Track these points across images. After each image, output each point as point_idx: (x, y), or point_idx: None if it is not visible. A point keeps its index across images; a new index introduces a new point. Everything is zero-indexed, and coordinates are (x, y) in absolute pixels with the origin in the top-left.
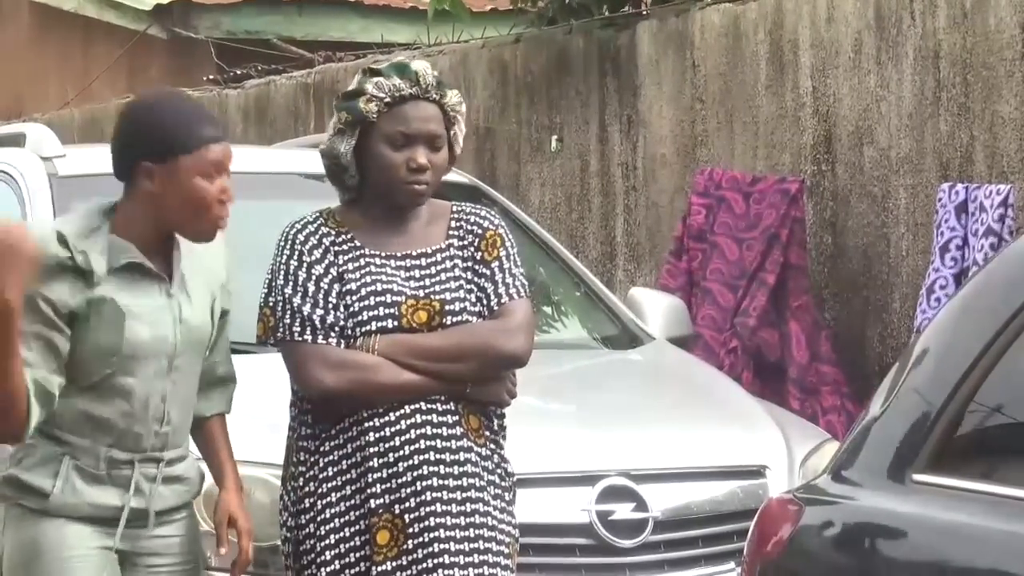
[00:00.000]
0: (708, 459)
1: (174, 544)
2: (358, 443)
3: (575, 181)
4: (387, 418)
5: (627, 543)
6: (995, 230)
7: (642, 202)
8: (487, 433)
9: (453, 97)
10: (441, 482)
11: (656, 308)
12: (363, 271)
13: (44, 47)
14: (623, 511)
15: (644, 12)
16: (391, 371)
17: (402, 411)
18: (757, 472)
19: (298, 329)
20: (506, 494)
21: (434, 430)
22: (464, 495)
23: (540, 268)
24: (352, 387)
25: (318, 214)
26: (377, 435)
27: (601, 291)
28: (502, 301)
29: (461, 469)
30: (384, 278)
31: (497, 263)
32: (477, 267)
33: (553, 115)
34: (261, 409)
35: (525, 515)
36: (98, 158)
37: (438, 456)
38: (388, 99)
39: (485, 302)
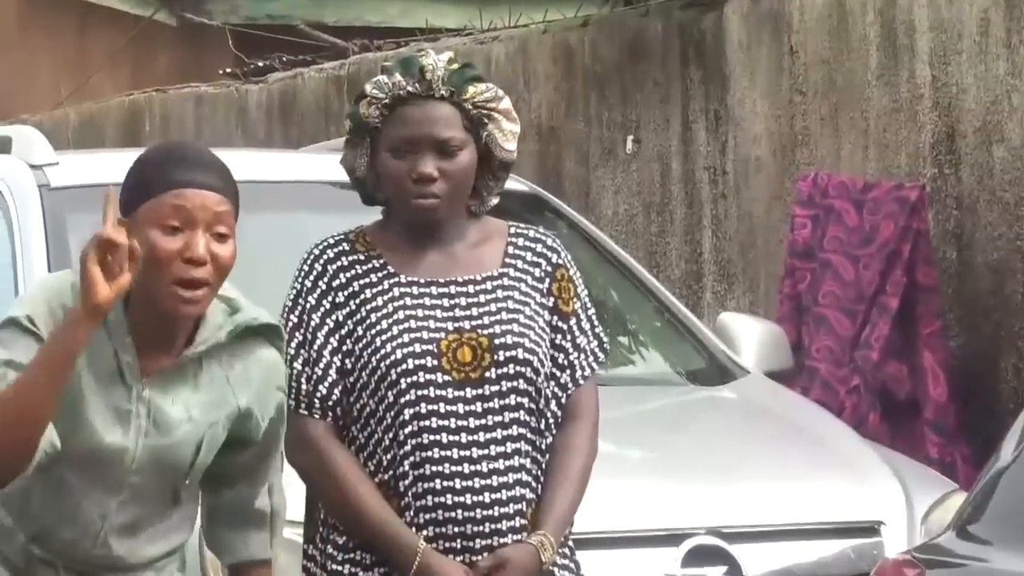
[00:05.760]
0: (813, 514)
1: None
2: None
3: (654, 188)
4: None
5: None
6: None
7: (733, 212)
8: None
9: (481, 92)
10: None
11: (751, 336)
12: (396, 303)
13: (34, 35)
14: (714, 575)
15: None
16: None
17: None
18: (871, 529)
19: (303, 403)
20: None
21: None
22: None
23: (613, 291)
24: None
25: (343, 236)
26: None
27: (686, 317)
28: (577, 377)
29: None
30: (420, 312)
31: (575, 319)
32: (552, 319)
33: (628, 111)
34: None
35: None
36: (96, 166)
37: None
38: (387, 100)
39: (562, 368)
